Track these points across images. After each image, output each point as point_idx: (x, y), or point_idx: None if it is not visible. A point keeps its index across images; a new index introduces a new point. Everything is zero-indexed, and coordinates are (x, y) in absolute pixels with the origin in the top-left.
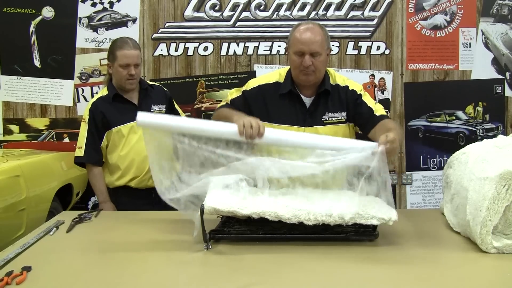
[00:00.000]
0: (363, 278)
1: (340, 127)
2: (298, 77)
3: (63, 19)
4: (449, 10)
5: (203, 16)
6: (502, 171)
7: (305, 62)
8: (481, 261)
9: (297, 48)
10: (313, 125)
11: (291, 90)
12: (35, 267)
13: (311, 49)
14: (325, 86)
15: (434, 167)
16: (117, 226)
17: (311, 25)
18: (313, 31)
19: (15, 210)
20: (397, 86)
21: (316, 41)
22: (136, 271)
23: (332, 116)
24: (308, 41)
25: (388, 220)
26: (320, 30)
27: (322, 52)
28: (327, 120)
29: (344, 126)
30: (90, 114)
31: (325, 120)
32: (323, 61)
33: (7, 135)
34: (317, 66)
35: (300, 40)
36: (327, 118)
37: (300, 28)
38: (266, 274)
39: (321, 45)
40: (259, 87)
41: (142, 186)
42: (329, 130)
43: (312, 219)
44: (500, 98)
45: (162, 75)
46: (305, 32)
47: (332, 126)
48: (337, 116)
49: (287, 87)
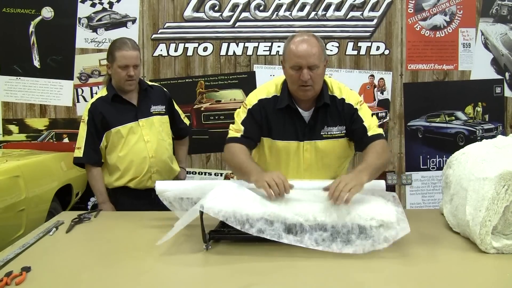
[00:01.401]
0: (363, 278)
1: (338, 142)
2: (296, 92)
3: (63, 19)
4: (448, 11)
5: (202, 17)
6: (501, 172)
7: (303, 76)
8: (481, 261)
9: (294, 62)
10: (312, 139)
11: (289, 105)
12: (34, 268)
13: (309, 62)
14: (324, 100)
15: (434, 168)
16: (117, 227)
17: (306, 36)
18: (309, 43)
19: (15, 211)
20: (396, 86)
21: (313, 53)
22: (136, 271)
23: (331, 130)
24: (305, 54)
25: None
26: (316, 41)
27: (319, 64)
28: (326, 134)
29: (343, 141)
30: (89, 114)
31: (324, 134)
32: (321, 74)
33: (6, 136)
34: (315, 79)
35: (296, 53)
36: (326, 132)
37: (295, 40)
38: (266, 274)
39: (319, 57)
40: (260, 101)
41: (141, 187)
42: (328, 144)
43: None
44: (500, 98)
45: (161, 75)
46: (301, 45)
47: (331, 141)
48: (335, 131)
49: (284, 102)
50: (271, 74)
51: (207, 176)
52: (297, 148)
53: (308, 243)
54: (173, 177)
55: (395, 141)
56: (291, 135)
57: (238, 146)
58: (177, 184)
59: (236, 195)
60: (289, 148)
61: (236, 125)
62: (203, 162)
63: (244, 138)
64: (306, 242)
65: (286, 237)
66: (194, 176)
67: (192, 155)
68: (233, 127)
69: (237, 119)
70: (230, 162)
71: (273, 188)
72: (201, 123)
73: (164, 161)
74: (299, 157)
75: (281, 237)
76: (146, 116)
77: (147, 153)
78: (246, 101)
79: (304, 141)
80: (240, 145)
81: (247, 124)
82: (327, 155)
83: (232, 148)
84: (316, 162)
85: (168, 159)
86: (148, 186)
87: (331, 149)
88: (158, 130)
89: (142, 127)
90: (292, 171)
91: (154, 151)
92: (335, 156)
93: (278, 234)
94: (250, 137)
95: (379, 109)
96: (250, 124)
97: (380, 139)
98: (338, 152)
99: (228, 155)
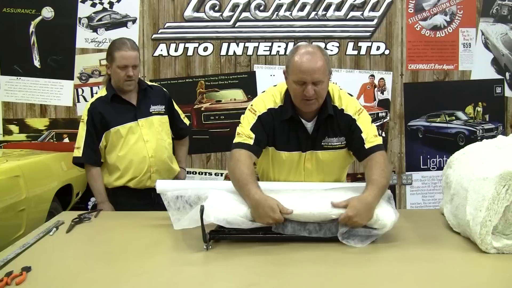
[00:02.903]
0: (363, 278)
1: (339, 153)
2: (299, 105)
3: (63, 19)
4: (448, 11)
5: (203, 17)
6: (501, 172)
7: (308, 92)
8: (481, 261)
9: (298, 78)
10: (313, 149)
11: (293, 116)
12: (34, 268)
13: (314, 78)
14: (329, 111)
15: (434, 168)
16: (117, 226)
17: (310, 48)
18: (314, 56)
19: (15, 211)
20: (397, 86)
21: (318, 68)
22: (136, 271)
23: (331, 141)
24: (310, 70)
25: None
26: (321, 55)
27: (324, 79)
28: (326, 145)
29: (343, 152)
30: (88, 114)
31: (324, 145)
32: (326, 88)
33: (6, 136)
34: (319, 94)
35: (301, 68)
36: (327, 143)
37: (300, 53)
38: (266, 274)
39: (324, 72)
40: (269, 110)
41: (141, 187)
42: (329, 155)
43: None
44: (500, 98)
45: (162, 75)
46: (305, 59)
47: (331, 152)
48: (336, 142)
49: (288, 113)
50: (271, 74)
51: (207, 176)
52: (299, 158)
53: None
54: (172, 177)
55: (395, 141)
56: (294, 146)
57: (244, 155)
58: (177, 183)
59: (233, 202)
60: (292, 159)
61: (245, 130)
62: (203, 162)
63: (255, 146)
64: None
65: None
66: (194, 176)
67: (192, 155)
68: (243, 131)
69: (245, 124)
70: (231, 169)
71: (272, 221)
72: (201, 123)
73: (164, 161)
74: (300, 166)
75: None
76: (146, 116)
77: (147, 153)
78: (254, 106)
79: (306, 151)
80: (247, 154)
81: (258, 131)
82: (327, 165)
83: (238, 155)
84: (317, 171)
85: (168, 159)
86: (147, 186)
87: (332, 160)
88: (158, 130)
89: (142, 127)
90: (293, 179)
91: (154, 150)
92: (335, 166)
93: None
94: (260, 145)
95: (379, 109)
96: (260, 131)
97: (380, 151)
98: (339, 163)
99: (232, 162)
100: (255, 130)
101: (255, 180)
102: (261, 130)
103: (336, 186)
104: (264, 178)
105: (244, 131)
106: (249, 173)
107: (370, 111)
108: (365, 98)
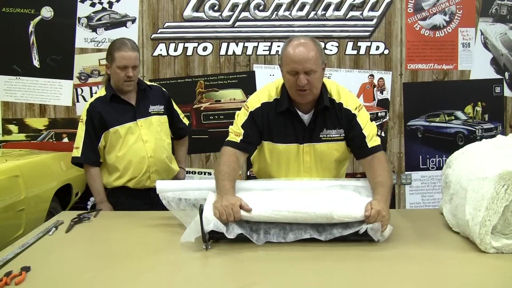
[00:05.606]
0: (363, 278)
1: (337, 145)
2: (294, 96)
3: (62, 19)
4: (448, 10)
5: (202, 16)
6: (501, 171)
7: (300, 81)
8: (480, 261)
9: (291, 68)
10: (311, 141)
11: (289, 108)
12: (34, 267)
13: (305, 67)
14: (324, 103)
15: (433, 167)
16: (116, 226)
17: (303, 40)
18: (306, 47)
19: (14, 210)
20: (396, 86)
21: (310, 58)
22: (136, 271)
23: (329, 133)
24: (302, 59)
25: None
26: (314, 45)
27: (317, 69)
28: (325, 137)
29: (341, 144)
30: (87, 114)
31: (322, 137)
32: (319, 78)
33: (6, 135)
34: (313, 83)
35: (293, 58)
36: (325, 135)
37: (292, 44)
38: (266, 274)
39: (316, 62)
40: (262, 105)
41: (140, 187)
42: (326, 147)
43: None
44: (499, 98)
45: (161, 75)
46: (297, 49)
47: (330, 144)
48: (334, 133)
49: (284, 105)
50: (271, 74)
51: (206, 176)
52: (297, 151)
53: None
54: (172, 177)
55: (394, 141)
56: (292, 138)
57: (229, 153)
58: (177, 183)
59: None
60: (289, 151)
61: (236, 127)
62: (202, 162)
63: (243, 143)
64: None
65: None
66: (194, 176)
67: (191, 155)
68: (233, 129)
69: (237, 121)
70: (215, 167)
71: (221, 216)
72: (200, 123)
73: (163, 161)
74: (299, 159)
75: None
76: (145, 116)
77: (146, 153)
78: (247, 103)
79: (303, 143)
80: (232, 152)
81: (247, 128)
82: (325, 158)
83: (224, 154)
84: (315, 164)
85: (167, 159)
86: (147, 186)
87: (330, 152)
88: (157, 130)
89: (141, 127)
90: (293, 173)
91: (153, 150)
92: (333, 159)
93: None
94: (250, 141)
95: (378, 108)
96: (251, 127)
97: (381, 151)
98: (337, 155)
99: (219, 159)
100: (246, 127)
101: (232, 179)
102: (252, 126)
103: (333, 184)
104: (263, 176)
105: (234, 129)
106: (228, 171)
107: (370, 111)
108: (364, 98)
